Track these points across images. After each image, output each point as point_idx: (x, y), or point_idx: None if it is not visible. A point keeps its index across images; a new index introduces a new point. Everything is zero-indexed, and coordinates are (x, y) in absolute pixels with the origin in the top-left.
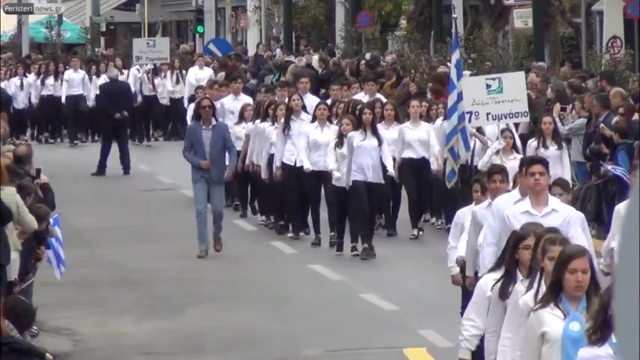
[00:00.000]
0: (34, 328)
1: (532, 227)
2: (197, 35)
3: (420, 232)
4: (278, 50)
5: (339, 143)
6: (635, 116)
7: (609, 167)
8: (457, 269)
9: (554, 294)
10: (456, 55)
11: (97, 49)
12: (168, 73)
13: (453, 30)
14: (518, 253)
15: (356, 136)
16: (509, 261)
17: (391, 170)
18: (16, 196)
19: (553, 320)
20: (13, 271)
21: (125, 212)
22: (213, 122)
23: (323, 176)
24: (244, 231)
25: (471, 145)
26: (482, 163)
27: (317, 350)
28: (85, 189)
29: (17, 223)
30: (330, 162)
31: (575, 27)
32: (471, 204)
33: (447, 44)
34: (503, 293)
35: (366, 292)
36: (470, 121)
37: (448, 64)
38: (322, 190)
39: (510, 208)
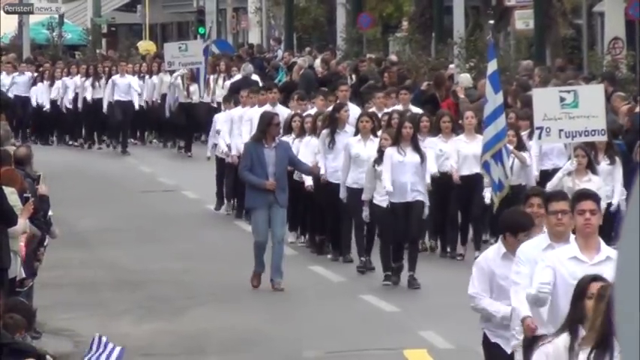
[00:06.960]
0: (37, 330)
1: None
2: (198, 36)
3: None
4: (280, 52)
5: (379, 159)
6: (637, 109)
7: None
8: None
9: None
10: (492, 66)
11: (97, 51)
12: (211, 77)
13: (489, 37)
14: (582, 305)
15: (394, 153)
16: (571, 314)
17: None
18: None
19: None
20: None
21: (126, 214)
22: (277, 140)
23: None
24: (244, 232)
25: (510, 163)
26: (550, 186)
27: (318, 352)
28: (85, 190)
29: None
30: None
31: (577, 28)
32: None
33: (449, 46)
34: (571, 355)
35: (367, 294)
36: (540, 137)
37: (451, 65)
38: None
39: (554, 252)
